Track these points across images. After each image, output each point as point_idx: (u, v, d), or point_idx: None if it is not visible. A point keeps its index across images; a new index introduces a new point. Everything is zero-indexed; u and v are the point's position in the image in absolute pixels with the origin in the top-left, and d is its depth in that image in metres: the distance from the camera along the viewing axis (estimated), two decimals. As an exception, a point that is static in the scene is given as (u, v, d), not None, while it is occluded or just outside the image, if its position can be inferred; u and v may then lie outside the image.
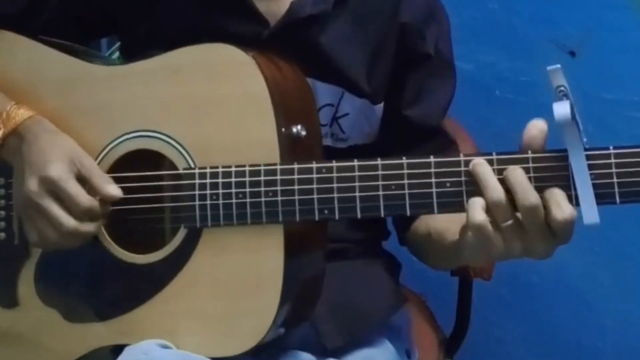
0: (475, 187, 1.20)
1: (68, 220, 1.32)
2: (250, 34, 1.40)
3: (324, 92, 1.45)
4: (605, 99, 1.95)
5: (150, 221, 1.36)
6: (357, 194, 1.25)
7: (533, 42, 2.00)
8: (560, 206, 1.16)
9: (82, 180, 1.34)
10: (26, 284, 1.42)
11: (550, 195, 1.17)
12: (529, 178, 1.18)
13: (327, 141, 1.46)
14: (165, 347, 1.31)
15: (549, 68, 1.15)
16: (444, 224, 1.38)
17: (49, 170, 1.32)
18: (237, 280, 1.30)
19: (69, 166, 1.33)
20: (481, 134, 1.81)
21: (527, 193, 1.17)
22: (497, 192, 1.18)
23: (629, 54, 1.93)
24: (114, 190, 1.34)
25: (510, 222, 1.18)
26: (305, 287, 1.35)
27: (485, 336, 2.09)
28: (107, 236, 1.36)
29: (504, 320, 2.14)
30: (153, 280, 1.34)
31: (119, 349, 1.34)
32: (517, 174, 1.18)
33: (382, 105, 1.49)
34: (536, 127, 1.19)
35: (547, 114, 1.18)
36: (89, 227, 1.33)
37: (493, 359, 2.15)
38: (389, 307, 1.54)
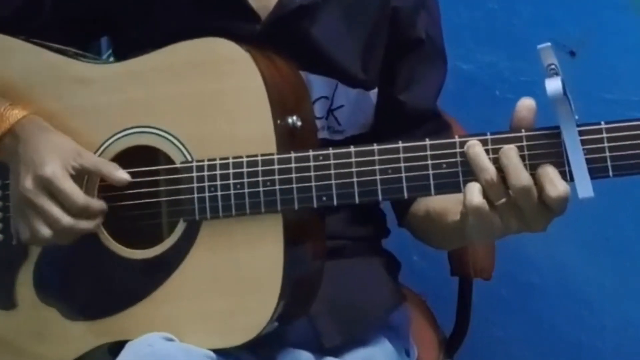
0: (470, 167, 1.21)
1: (63, 217, 1.32)
2: (243, 30, 1.40)
3: (318, 84, 1.45)
4: (605, 99, 1.95)
5: (149, 216, 1.36)
6: (355, 179, 1.25)
7: (533, 42, 1.99)
8: (553, 183, 1.18)
9: (80, 177, 1.34)
10: (25, 285, 1.41)
11: (543, 174, 1.19)
12: (523, 156, 1.20)
13: (323, 134, 1.47)
14: (169, 339, 1.31)
15: (539, 46, 1.17)
16: (443, 204, 1.40)
17: (44, 169, 1.32)
18: (237, 273, 1.30)
19: (64, 164, 1.33)
20: (481, 134, 1.80)
21: (519, 174, 1.19)
22: (489, 172, 1.20)
23: (629, 54, 1.93)
24: (123, 174, 1.34)
25: (503, 199, 1.20)
26: (304, 280, 1.35)
27: (485, 336, 2.09)
28: (105, 232, 1.36)
29: (504, 320, 2.13)
30: (153, 276, 1.34)
31: (117, 348, 1.33)
32: (510, 155, 1.20)
33: (376, 91, 1.50)
34: (525, 107, 1.21)
35: (547, 114, 1.19)
36: (85, 224, 1.33)
37: (493, 359, 2.15)
38: (388, 305, 1.54)
